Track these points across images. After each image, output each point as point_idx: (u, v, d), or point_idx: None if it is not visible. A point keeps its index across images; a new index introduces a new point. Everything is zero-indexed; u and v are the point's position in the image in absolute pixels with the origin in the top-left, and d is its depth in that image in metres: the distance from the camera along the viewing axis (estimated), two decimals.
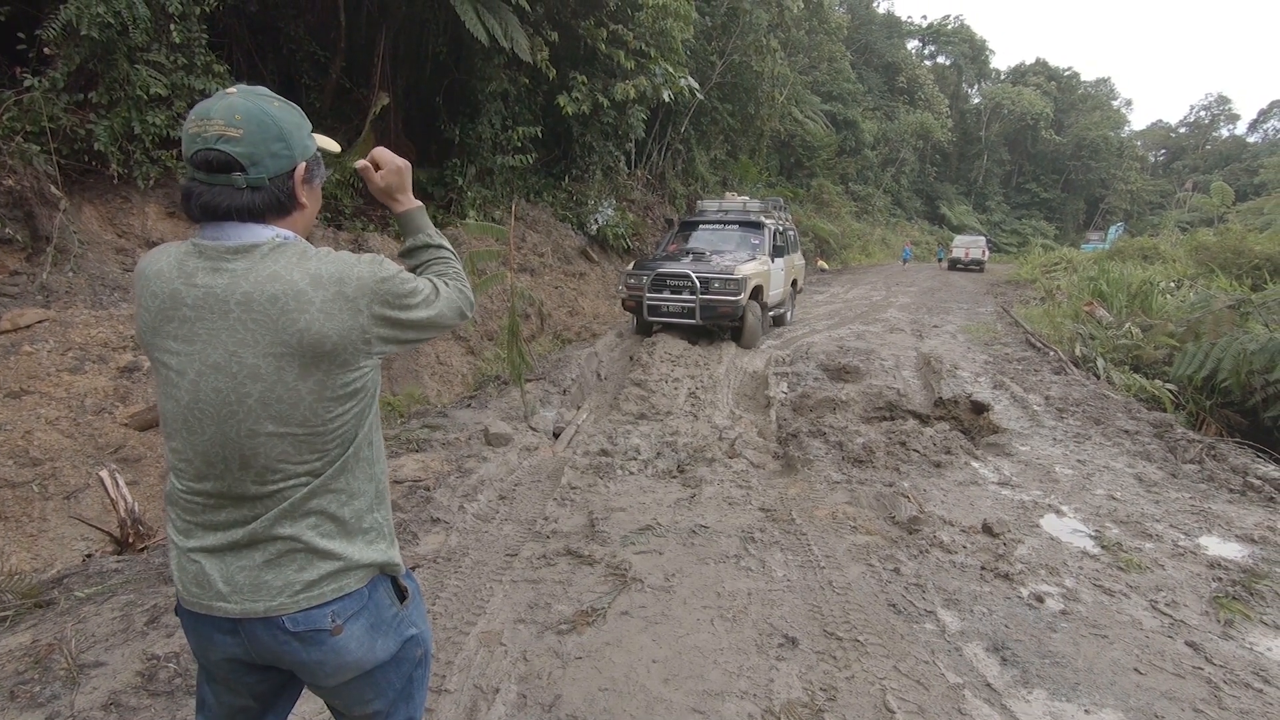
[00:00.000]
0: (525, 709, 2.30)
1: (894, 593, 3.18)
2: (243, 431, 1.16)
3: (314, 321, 1.15)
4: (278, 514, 1.21)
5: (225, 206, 1.17)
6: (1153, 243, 25.66)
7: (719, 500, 4.30)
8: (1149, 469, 5.20)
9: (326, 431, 1.20)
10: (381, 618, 1.31)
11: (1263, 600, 3.28)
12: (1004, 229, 49.99)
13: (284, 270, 1.16)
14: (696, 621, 2.87)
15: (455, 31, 11.63)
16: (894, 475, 4.83)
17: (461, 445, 4.99)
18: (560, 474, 4.63)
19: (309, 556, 1.22)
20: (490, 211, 12.10)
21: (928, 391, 7.76)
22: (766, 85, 22.40)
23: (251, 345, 1.14)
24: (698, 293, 8.84)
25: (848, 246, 28.71)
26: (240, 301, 1.14)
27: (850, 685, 2.49)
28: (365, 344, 1.22)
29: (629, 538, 3.65)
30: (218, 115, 1.16)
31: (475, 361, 9.03)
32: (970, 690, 2.50)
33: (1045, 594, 3.25)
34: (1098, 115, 55.23)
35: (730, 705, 2.34)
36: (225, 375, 1.15)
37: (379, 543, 1.32)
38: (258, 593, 1.20)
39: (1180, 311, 11.30)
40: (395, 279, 1.27)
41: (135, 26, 7.07)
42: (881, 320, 12.96)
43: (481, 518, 3.90)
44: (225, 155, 1.15)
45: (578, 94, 12.90)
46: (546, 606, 2.95)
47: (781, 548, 3.63)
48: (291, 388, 1.16)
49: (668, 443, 5.54)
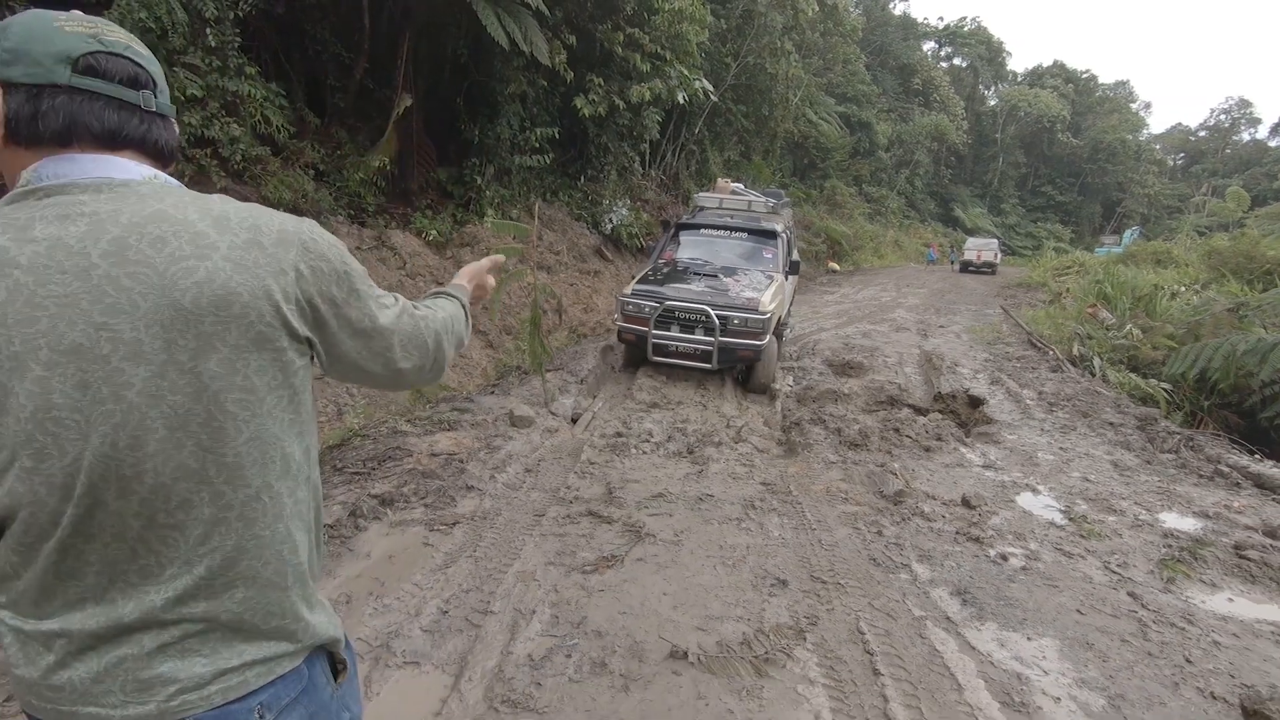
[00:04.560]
0: (558, 625, 2.82)
1: (875, 550, 3.68)
2: (122, 442, 0.82)
3: (217, 272, 0.84)
4: (180, 572, 0.88)
5: (126, 133, 0.91)
6: (1166, 247, 25.91)
7: (724, 475, 4.80)
8: (1126, 456, 5.66)
9: (241, 440, 0.88)
10: (319, 703, 1.02)
11: (1204, 563, 3.75)
12: (1019, 232, 50.19)
13: (174, 208, 0.86)
14: (701, 567, 3.38)
15: (476, 35, 12.16)
16: (886, 457, 5.32)
17: (489, 426, 5.50)
18: (580, 452, 5.14)
19: (227, 635, 0.91)
20: (508, 210, 12.62)
21: (928, 387, 8.21)
22: (780, 87, 22.88)
23: (129, 311, 0.81)
24: (716, 333, 7.13)
25: (860, 248, 29.08)
26: (108, 252, 0.81)
27: (829, 615, 2.99)
28: (289, 314, 0.91)
29: (643, 503, 4.16)
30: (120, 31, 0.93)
31: (495, 355, 9.55)
32: (931, 621, 2.99)
33: (1010, 554, 3.74)
34: (1115, 118, 55.36)
35: (728, 626, 2.85)
36: (92, 360, 0.80)
37: (317, 608, 1.02)
38: (148, 691, 0.87)
39: (1184, 314, 11.70)
40: (333, 247, 0.99)
41: (174, 31, 7.60)
42: (889, 320, 13.42)
43: (511, 486, 4.41)
44: (139, 68, 0.92)
45: (594, 96, 13.42)
46: (572, 554, 3.46)
47: (778, 514, 4.13)
48: (189, 370, 0.83)
49: (678, 428, 6.04)
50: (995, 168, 52.43)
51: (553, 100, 13.84)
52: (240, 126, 8.19)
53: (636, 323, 7.50)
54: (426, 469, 4.41)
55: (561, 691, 2.42)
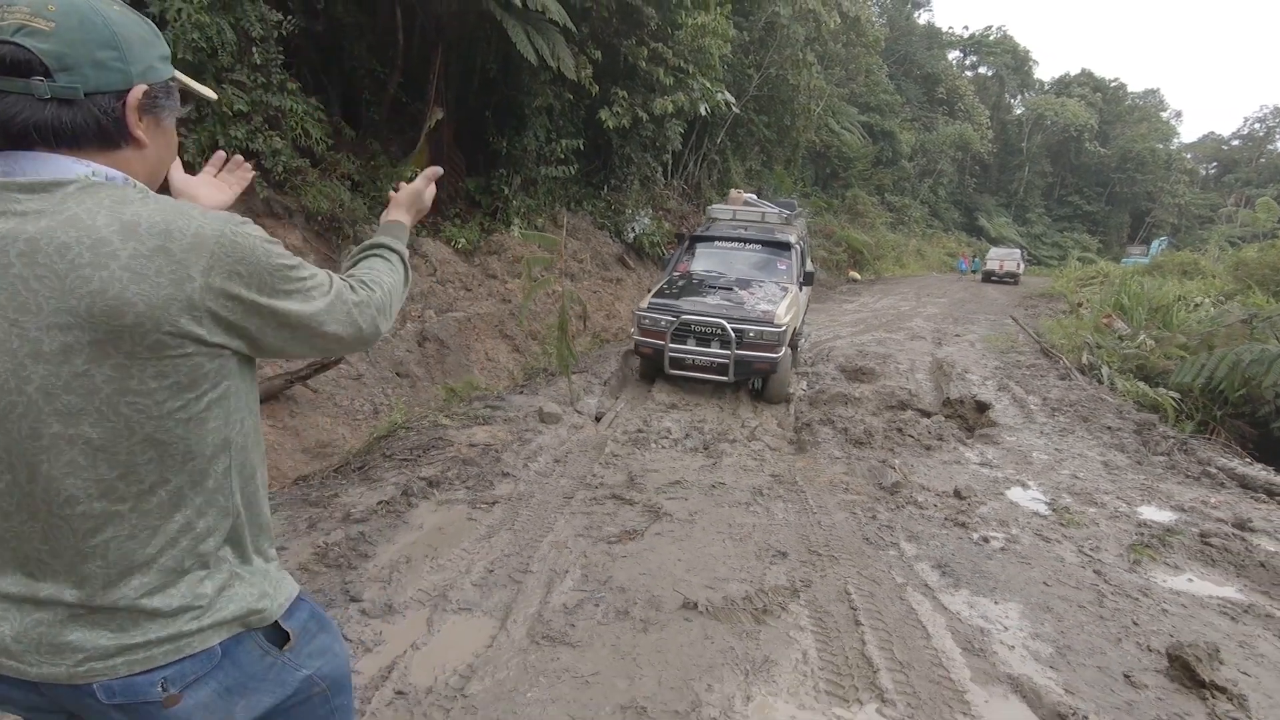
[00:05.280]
0: (588, 582, 3.33)
1: (869, 531, 4.15)
2: (24, 431, 0.90)
3: (112, 282, 0.88)
4: (77, 560, 0.95)
5: (18, 122, 0.90)
6: (1194, 258, 25.93)
7: (736, 468, 5.29)
8: (1118, 457, 6.06)
9: (135, 439, 0.94)
10: (247, 675, 1.09)
11: (1170, 549, 4.17)
12: (1045, 241, 50.18)
13: (86, 214, 0.90)
14: (711, 540, 3.88)
15: (505, 51, 12.78)
16: (888, 454, 5.77)
17: (520, 422, 6.03)
18: (604, 445, 5.65)
19: (132, 614, 0.98)
20: (533, 219, 13.22)
21: (938, 393, 8.63)
22: (803, 98, 23.35)
23: (34, 312, 0.87)
24: (732, 346, 7.31)
25: (881, 257, 29.39)
26: (22, 252, 0.88)
27: (822, 580, 3.47)
28: (193, 324, 0.93)
29: (661, 489, 4.66)
30: (24, 2, 0.91)
31: (520, 359, 10.10)
32: (911, 587, 3.47)
33: (992, 537, 4.19)
34: (1145, 127, 55.20)
35: (733, 585, 3.35)
36: (3, 354, 0.88)
37: (235, 587, 1.07)
38: (58, 655, 0.96)
39: (1200, 326, 11.97)
40: (260, 246, 1.00)
41: (223, 49, 8.23)
42: (905, 329, 13.80)
43: (542, 474, 4.93)
44: (24, 52, 0.89)
45: (618, 108, 13.99)
46: (598, 528, 3.97)
47: (783, 500, 4.61)
48: (81, 374, 0.89)
49: (695, 427, 6.53)
50: (1021, 177, 52.47)
51: (578, 113, 14.43)
52: (282, 139, 8.72)
53: (653, 336, 7.67)
54: (466, 457, 4.95)
55: (591, 631, 2.93)
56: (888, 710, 2.54)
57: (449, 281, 10.62)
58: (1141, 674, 2.84)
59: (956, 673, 2.77)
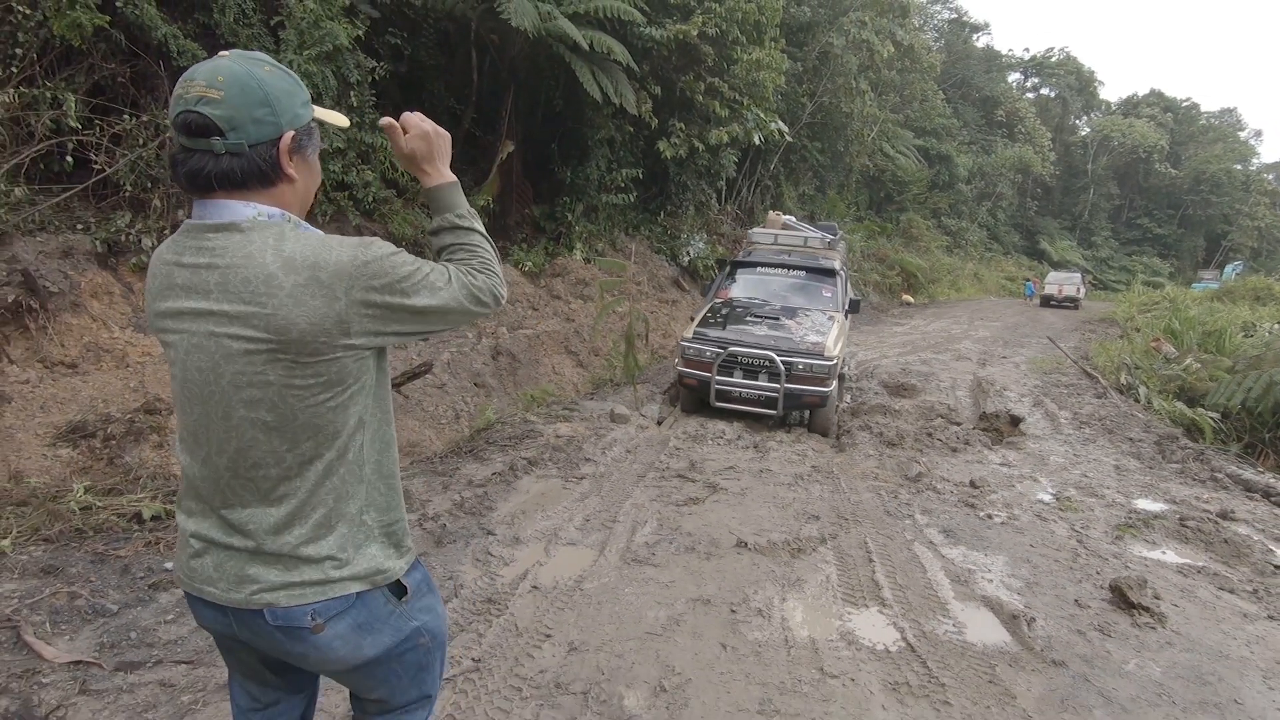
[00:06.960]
0: (662, 529, 4.44)
1: (890, 506, 5.16)
2: (219, 413, 1.23)
3: (281, 307, 1.16)
4: (259, 512, 1.28)
5: (205, 173, 1.18)
6: (1267, 282, 25.89)
7: (782, 460, 6.34)
8: (1131, 463, 6.91)
9: (298, 423, 1.24)
10: (374, 616, 1.37)
11: (1152, 529, 5.07)
12: (1112, 265, 49.83)
13: (258, 252, 1.18)
14: (759, 507, 4.96)
15: (571, 88, 14.13)
16: (916, 453, 6.73)
17: (595, 421, 7.18)
18: (667, 441, 6.76)
19: (293, 560, 1.28)
20: (594, 244, 14.45)
21: (976, 408, 9.48)
22: (856, 124, 24.32)
23: (225, 326, 1.19)
24: (781, 379, 7.26)
25: (936, 281, 29.92)
26: (218, 283, 1.19)
27: (846, 536, 4.51)
28: (343, 333, 1.21)
29: (718, 472, 5.74)
30: (201, 77, 1.16)
31: (584, 372, 11.27)
32: (919, 544, 4.48)
33: (995, 515, 5.15)
34: (1220, 147, 54.41)
35: (775, 534, 4.42)
36: (205, 354, 1.21)
37: (369, 548, 1.36)
38: (241, 585, 1.28)
39: (1255, 349, 12.37)
40: (386, 260, 1.26)
41: (326, 94, 9.55)
42: (952, 350, 14.58)
43: (617, 460, 6.05)
44: (204, 118, 1.15)
45: (676, 139, 15.20)
46: (667, 497, 5.08)
47: (820, 484, 5.65)
48: (259, 372, 1.20)
49: (747, 429, 7.57)
50: (1086, 199, 52.23)
51: (637, 143, 15.69)
52: (372, 173, 9.94)
53: (699, 368, 7.59)
54: (555, 445, 6.11)
55: (668, 558, 4.03)
56: (886, 611, 3.57)
57: (518, 301, 11.87)
58: (1089, 600, 3.80)
59: (942, 593, 3.79)
